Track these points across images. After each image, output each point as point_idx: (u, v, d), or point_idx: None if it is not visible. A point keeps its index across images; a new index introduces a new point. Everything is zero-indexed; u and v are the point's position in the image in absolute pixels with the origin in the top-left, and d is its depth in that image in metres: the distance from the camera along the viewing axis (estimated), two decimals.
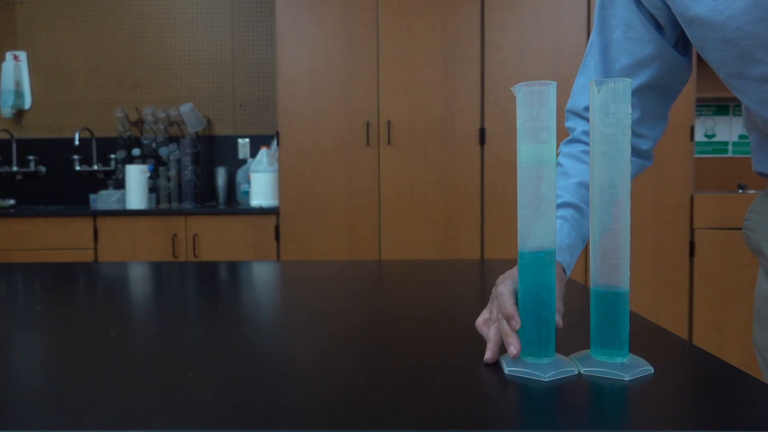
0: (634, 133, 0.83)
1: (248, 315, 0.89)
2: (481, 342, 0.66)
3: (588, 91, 0.80)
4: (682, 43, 0.81)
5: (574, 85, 0.88)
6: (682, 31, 0.79)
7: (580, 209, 0.79)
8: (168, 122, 3.36)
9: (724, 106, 3.27)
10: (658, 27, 0.78)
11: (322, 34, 2.77)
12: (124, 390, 0.55)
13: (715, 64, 0.73)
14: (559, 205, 0.79)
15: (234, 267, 1.38)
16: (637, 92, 0.81)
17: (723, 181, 3.25)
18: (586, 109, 0.85)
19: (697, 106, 3.22)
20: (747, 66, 0.68)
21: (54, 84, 3.48)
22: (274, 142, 3.08)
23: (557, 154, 0.87)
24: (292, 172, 2.81)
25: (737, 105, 3.26)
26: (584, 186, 0.80)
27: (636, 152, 0.85)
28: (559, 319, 0.63)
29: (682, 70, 0.82)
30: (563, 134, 0.83)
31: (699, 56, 0.91)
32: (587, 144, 0.83)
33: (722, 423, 0.47)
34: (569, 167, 0.83)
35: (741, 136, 3.27)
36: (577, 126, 0.86)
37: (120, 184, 3.32)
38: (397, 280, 1.20)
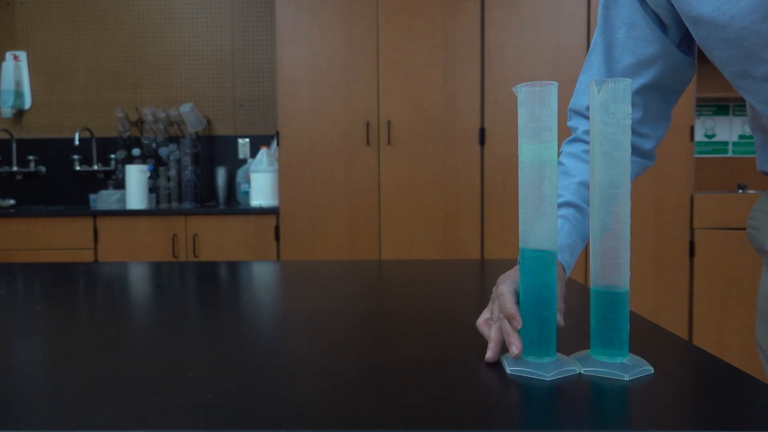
0: (636, 133, 0.83)
1: (248, 315, 0.89)
2: (482, 342, 0.66)
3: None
4: (685, 43, 0.81)
5: (577, 84, 0.87)
6: (686, 31, 0.78)
7: (580, 209, 0.79)
8: (168, 122, 3.36)
9: (724, 106, 3.27)
10: (662, 26, 0.78)
11: (322, 34, 2.77)
12: (124, 390, 0.55)
13: (719, 63, 0.72)
14: (560, 205, 0.79)
15: (234, 267, 1.38)
16: (640, 91, 0.81)
17: (723, 181, 3.25)
18: (589, 108, 0.85)
19: (697, 106, 3.22)
20: (751, 65, 0.68)
21: (54, 84, 3.48)
22: (274, 142, 3.08)
23: (559, 154, 0.87)
24: (292, 172, 2.81)
25: (737, 105, 3.26)
26: (585, 185, 0.80)
27: (638, 152, 0.85)
28: (560, 318, 0.63)
29: (686, 69, 0.82)
30: (564, 134, 0.83)
31: (699, 56, 0.91)
32: (589, 143, 0.83)
33: (722, 423, 0.47)
34: (571, 166, 0.83)
35: (741, 136, 3.27)
36: (579, 125, 0.86)
37: (120, 184, 3.32)
38: (397, 280, 1.20)
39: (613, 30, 0.81)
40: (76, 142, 3.26)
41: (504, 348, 0.63)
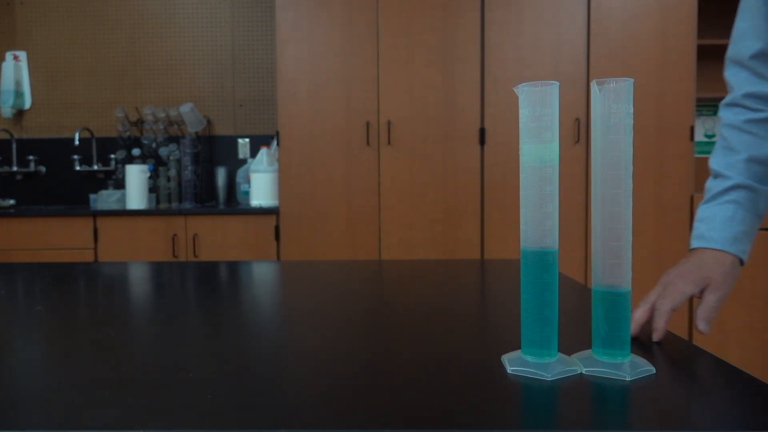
0: (764, 77, 0.76)
1: (248, 315, 0.89)
2: (482, 342, 0.66)
3: (754, 35, 0.73)
4: None
5: (735, 30, 0.80)
6: None
7: (753, 189, 0.73)
8: (168, 122, 3.36)
9: None
10: None
11: (322, 34, 2.77)
12: (124, 390, 0.55)
13: None
14: (729, 188, 0.72)
15: (234, 267, 1.38)
16: None
17: None
18: (753, 57, 0.76)
19: (697, 106, 3.22)
20: None
21: (54, 84, 3.48)
22: (274, 142, 3.08)
23: (719, 119, 0.79)
24: (292, 172, 2.81)
25: None
26: (754, 162, 0.73)
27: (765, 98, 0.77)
28: (704, 326, 0.64)
29: None
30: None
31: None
32: (752, 110, 0.75)
33: (722, 423, 0.46)
34: (733, 140, 0.75)
35: None
36: (736, 81, 0.79)
37: (120, 184, 3.32)
38: (397, 280, 1.19)
39: None
40: (76, 142, 3.26)
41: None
